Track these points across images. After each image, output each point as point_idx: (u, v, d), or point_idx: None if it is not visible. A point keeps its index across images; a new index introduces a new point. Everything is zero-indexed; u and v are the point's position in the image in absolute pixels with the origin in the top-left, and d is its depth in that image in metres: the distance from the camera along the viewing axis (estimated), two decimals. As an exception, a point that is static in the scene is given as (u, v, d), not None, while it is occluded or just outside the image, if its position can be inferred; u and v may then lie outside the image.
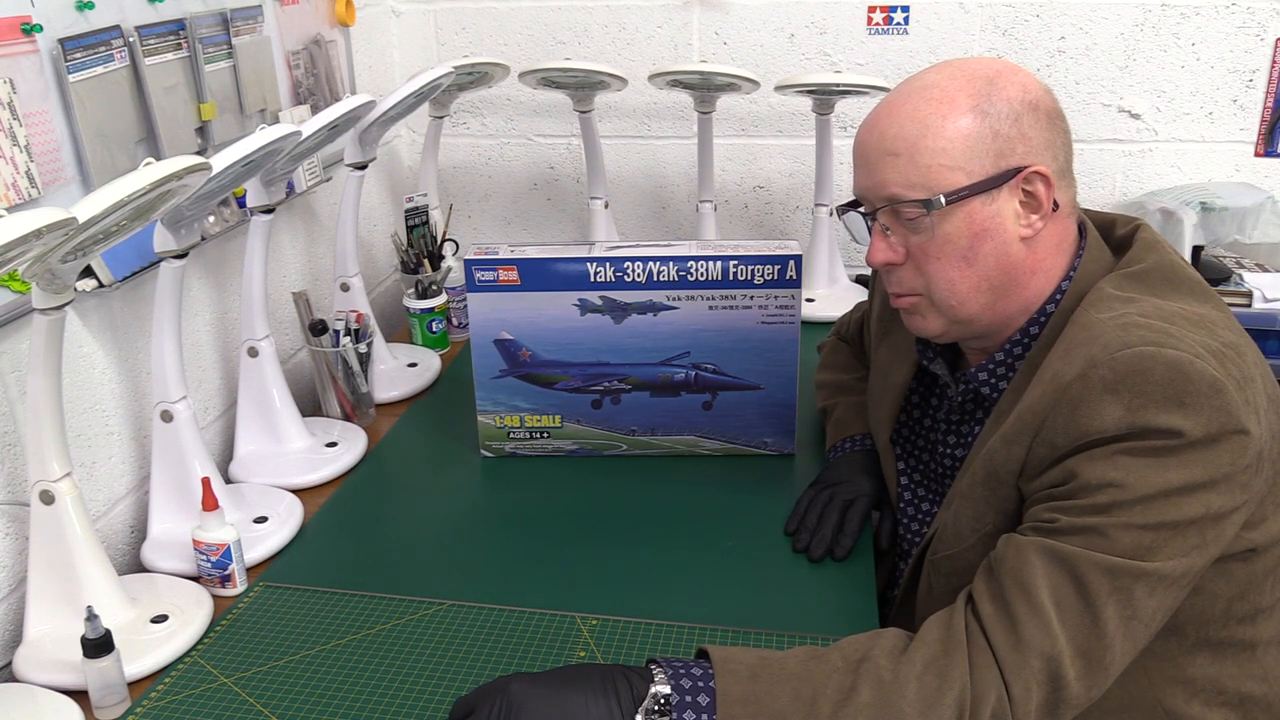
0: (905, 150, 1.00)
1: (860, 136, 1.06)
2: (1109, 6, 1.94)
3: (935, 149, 0.99)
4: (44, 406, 1.07)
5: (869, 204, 1.05)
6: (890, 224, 1.04)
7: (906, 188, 1.00)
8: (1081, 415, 0.90)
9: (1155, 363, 0.89)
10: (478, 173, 2.28)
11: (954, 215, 1.00)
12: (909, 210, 1.01)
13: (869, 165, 1.04)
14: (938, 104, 1.00)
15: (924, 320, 1.08)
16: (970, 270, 1.02)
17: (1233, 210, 1.84)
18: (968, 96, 1.00)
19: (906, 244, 1.04)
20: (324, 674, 1.08)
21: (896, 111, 1.02)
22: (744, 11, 2.05)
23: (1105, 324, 0.94)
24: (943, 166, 0.99)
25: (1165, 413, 0.88)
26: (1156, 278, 1.01)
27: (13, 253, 0.84)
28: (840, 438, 1.37)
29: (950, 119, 0.99)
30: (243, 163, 1.17)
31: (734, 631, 1.12)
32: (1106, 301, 0.98)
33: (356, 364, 1.57)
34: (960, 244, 1.01)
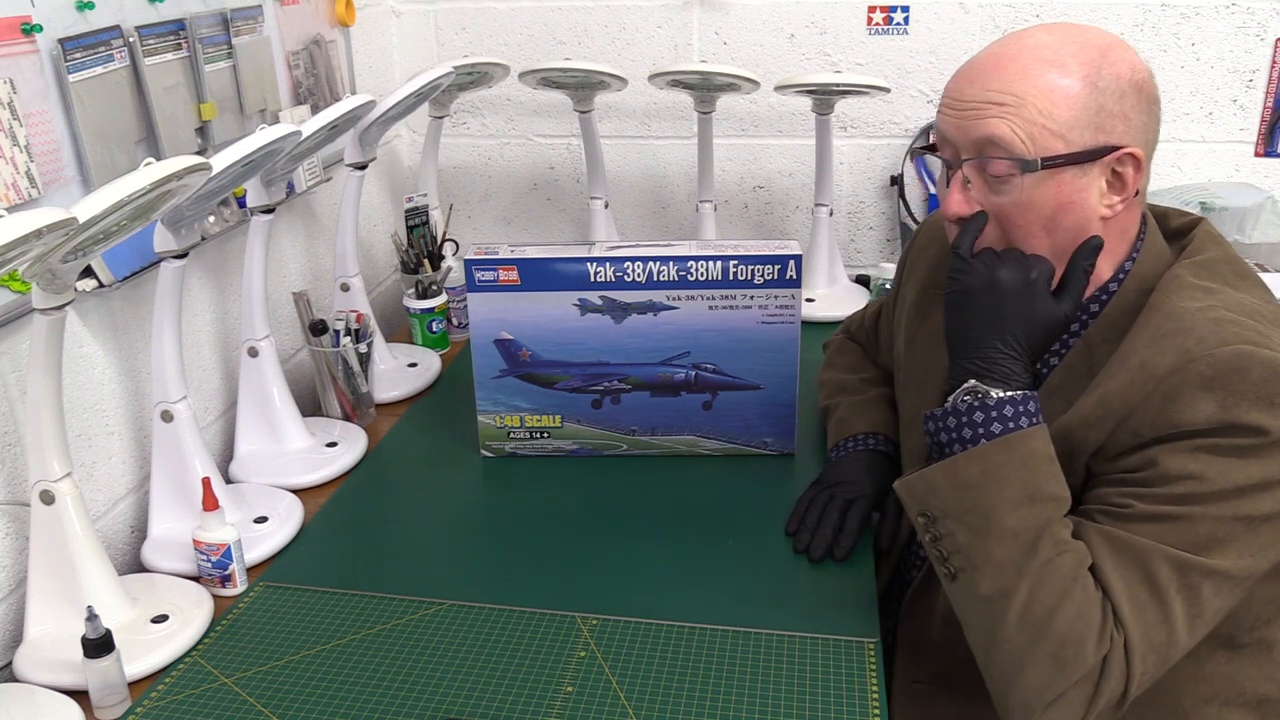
0: (1010, 105, 0.97)
1: (958, 83, 1.02)
2: (1109, 6, 1.94)
3: (1041, 110, 0.97)
4: (44, 406, 1.07)
5: (955, 152, 1.02)
6: (974, 177, 1.01)
7: (1001, 145, 0.98)
8: (1174, 408, 0.91)
9: (1253, 362, 0.89)
10: (478, 173, 2.28)
11: (1045, 182, 0.98)
12: (1001, 167, 0.98)
13: (964, 113, 1.00)
14: (1049, 65, 0.97)
15: None
16: (1053, 237, 1.01)
17: (1233, 210, 1.83)
18: (1080, 64, 0.98)
19: (985, 201, 1.01)
20: (324, 674, 1.08)
21: (1006, 64, 0.98)
22: (744, 11, 2.05)
23: (1195, 316, 0.94)
24: (1045, 129, 0.97)
25: (1256, 411, 0.89)
26: (1226, 270, 1.01)
27: (13, 253, 0.84)
28: (842, 437, 1.37)
29: (1060, 83, 0.97)
30: (243, 163, 1.17)
31: (734, 631, 1.12)
32: (1188, 290, 0.98)
33: (356, 364, 1.57)
34: (1044, 211, 0.99)
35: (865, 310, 1.54)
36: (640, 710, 1.02)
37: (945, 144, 1.03)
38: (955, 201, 1.02)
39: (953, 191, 1.02)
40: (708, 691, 1.04)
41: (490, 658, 1.10)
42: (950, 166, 1.03)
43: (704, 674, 1.06)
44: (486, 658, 1.10)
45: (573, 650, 1.10)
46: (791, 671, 1.06)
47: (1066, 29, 1.01)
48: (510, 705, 1.03)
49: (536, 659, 1.09)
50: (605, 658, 1.09)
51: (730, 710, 1.02)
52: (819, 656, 1.08)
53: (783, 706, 1.02)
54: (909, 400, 1.29)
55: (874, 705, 1.02)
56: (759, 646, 1.10)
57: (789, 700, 1.02)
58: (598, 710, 1.02)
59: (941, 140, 1.04)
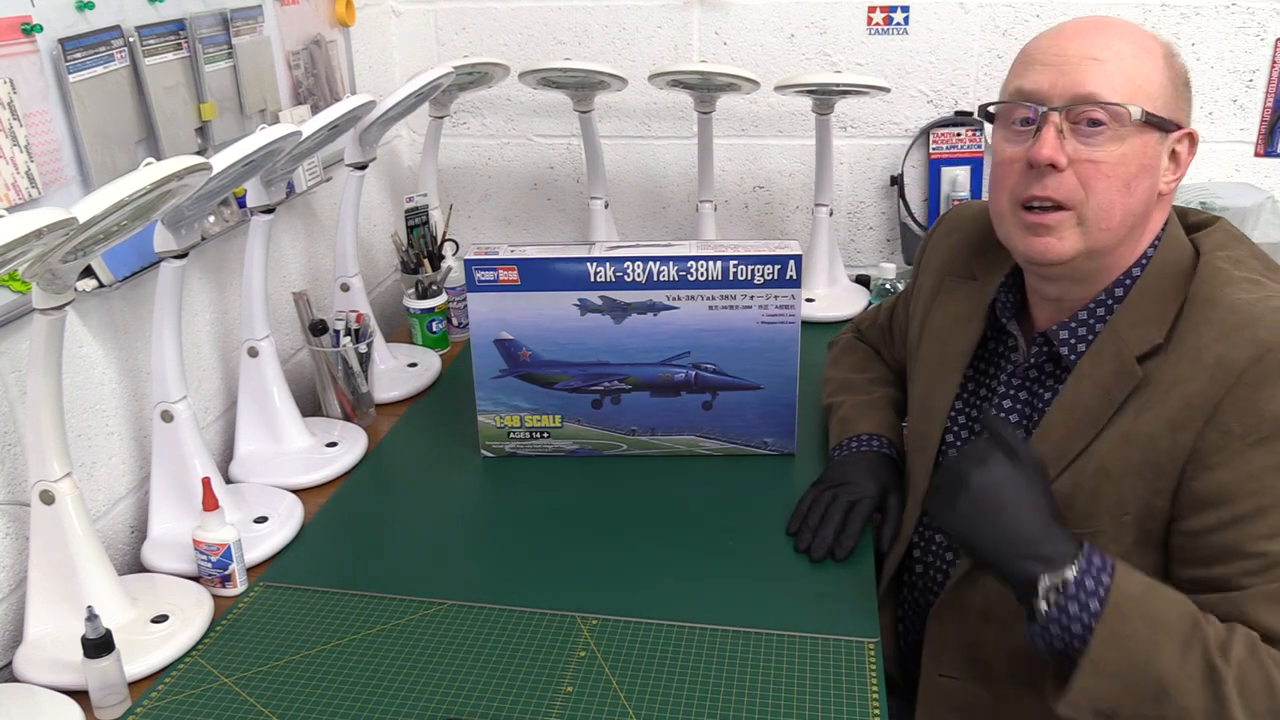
0: (1113, 59, 1.01)
1: (1052, 42, 1.05)
2: (1109, 7, 1.94)
3: (1140, 70, 1.01)
4: (44, 406, 1.07)
5: (1048, 100, 1.02)
6: (1068, 129, 1.02)
7: (1108, 91, 1.00)
8: (1262, 398, 0.92)
9: None
10: (478, 173, 2.28)
11: (1134, 138, 1.01)
12: (1107, 110, 1.00)
13: (1065, 64, 1.02)
14: (1142, 37, 1.03)
15: (1059, 241, 1.04)
16: (1129, 199, 1.02)
17: (1233, 210, 1.83)
18: (1160, 45, 1.04)
19: (1074, 153, 1.02)
20: (324, 674, 1.08)
21: (1103, 28, 1.03)
22: (744, 11, 2.05)
23: (1257, 306, 0.96)
24: (1142, 88, 1.01)
25: None
26: (1258, 265, 1.04)
27: (13, 253, 0.84)
28: (845, 437, 1.37)
29: (1152, 53, 1.03)
30: (243, 163, 1.17)
31: (734, 631, 1.12)
32: (1237, 283, 1.00)
33: (356, 364, 1.57)
34: (1129, 169, 1.01)
35: (877, 309, 1.53)
36: (640, 710, 1.02)
37: (1033, 91, 1.04)
38: (1052, 146, 1.01)
39: (1046, 139, 1.01)
40: (708, 691, 1.04)
41: (490, 658, 1.10)
42: (1031, 123, 1.04)
43: (704, 674, 1.06)
44: (486, 658, 1.10)
45: (573, 650, 1.10)
46: (791, 671, 1.06)
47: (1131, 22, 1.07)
48: (510, 705, 1.03)
49: (536, 659, 1.09)
50: (605, 658, 1.09)
51: (730, 710, 1.02)
52: (819, 656, 1.08)
53: (783, 706, 1.02)
54: (920, 384, 1.28)
55: (874, 705, 1.02)
56: (759, 646, 1.10)
57: (789, 700, 1.02)
58: (598, 710, 1.02)
59: (1028, 88, 1.04)
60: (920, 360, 1.29)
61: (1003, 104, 1.07)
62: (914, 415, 1.29)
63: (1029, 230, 1.06)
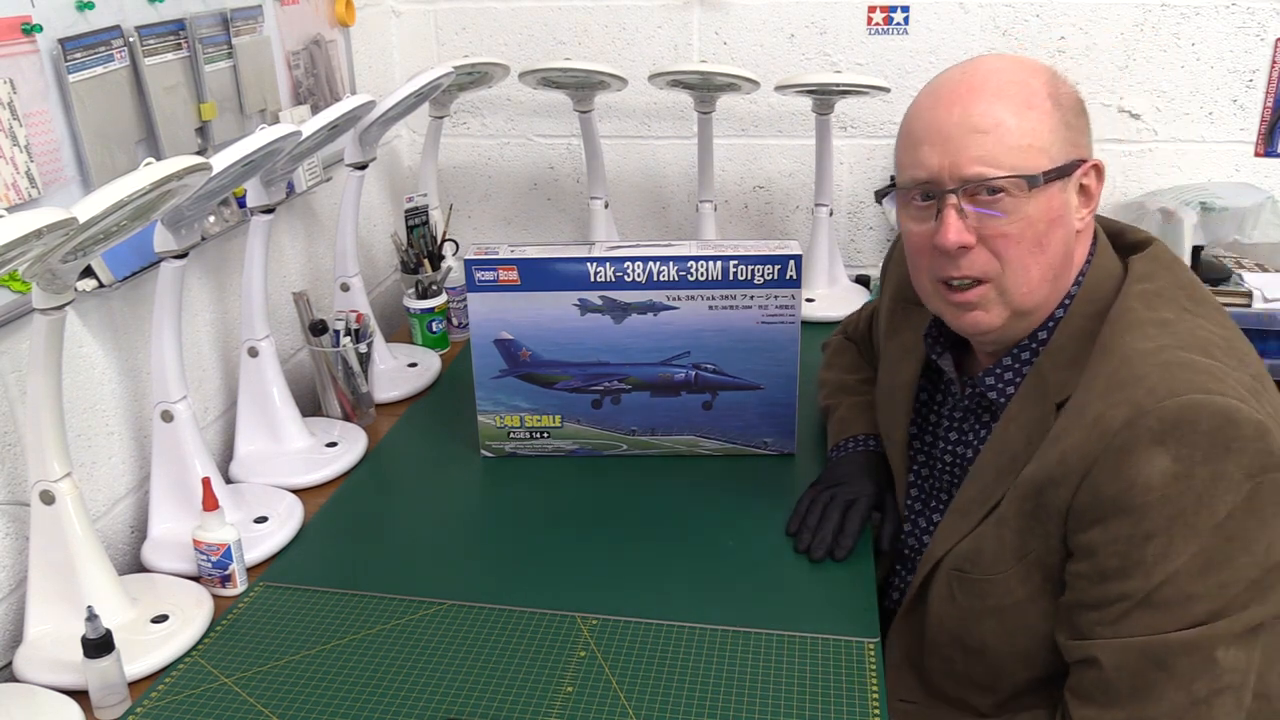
0: (994, 128, 0.98)
1: (931, 115, 1.02)
2: (1109, 6, 1.94)
3: (1025, 129, 0.98)
4: (44, 406, 1.07)
5: (942, 183, 1.01)
6: (967, 205, 1.00)
7: (996, 166, 0.98)
8: (1128, 466, 0.90)
9: (1203, 412, 0.88)
10: (478, 173, 2.28)
11: (1037, 198, 0.99)
12: (1002, 183, 0.98)
13: (948, 143, 1.00)
14: (1020, 87, 1.00)
15: (985, 314, 1.04)
16: (1043, 257, 1.01)
17: (1233, 210, 1.83)
18: (1042, 84, 1.01)
19: (980, 227, 1.00)
20: (324, 674, 1.08)
21: (979, 90, 1.00)
22: (744, 11, 2.05)
23: (1147, 361, 0.93)
24: (1031, 147, 0.98)
25: (1213, 461, 0.88)
26: (1181, 296, 1.00)
27: (13, 253, 0.84)
28: (843, 437, 1.37)
29: (1034, 103, 0.99)
30: (243, 163, 1.17)
31: (734, 631, 1.12)
32: (1141, 328, 0.97)
33: (356, 364, 1.57)
34: (1038, 228, 1.00)
35: (861, 312, 1.54)
36: (640, 710, 1.02)
37: (926, 178, 1.02)
38: (956, 230, 1.00)
39: (950, 221, 1.00)
40: (708, 691, 1.04)
41: (490, 658, 1.10)
42: (932, 199, 1.02)
43: (704, 674, 1.06)
44: (486, 658, 1.10)
45: (573, 650, 1.10)
46: (791, 671, 1.06)
47: (1009, 57, 1.04)
48: (510, 705, 1.03)
49: (536, 659, 1.09)
50: (605, 658, 1.09)
51: (730, 710, 1.02)
52: (819, 656, 1.08)
53: (783, 707, 1.02)
54: (880, 411, 1.31)
55: (874, 705, 1.02)
56: (759, 646, 1.10)
57: (789, 700, 1.02)
58: (598, 710, 1.02)
59: (920, 175, 1.02)
60: (878, 386, 1.31)
61: (897, 190, 1.06)
62: (884, 442, 1.30)
63: (955, 307, 1.06)
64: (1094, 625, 0.94)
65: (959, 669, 1.09)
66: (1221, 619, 0.89)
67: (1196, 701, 0.90)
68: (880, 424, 1.30)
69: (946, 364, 1.16)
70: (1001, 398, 1.09)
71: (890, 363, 1.28)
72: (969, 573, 1.05)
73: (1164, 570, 0.89)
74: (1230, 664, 0.90)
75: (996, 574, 1.02)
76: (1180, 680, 0.90)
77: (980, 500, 1.05)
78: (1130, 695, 0.92)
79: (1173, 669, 0.90)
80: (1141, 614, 0.91)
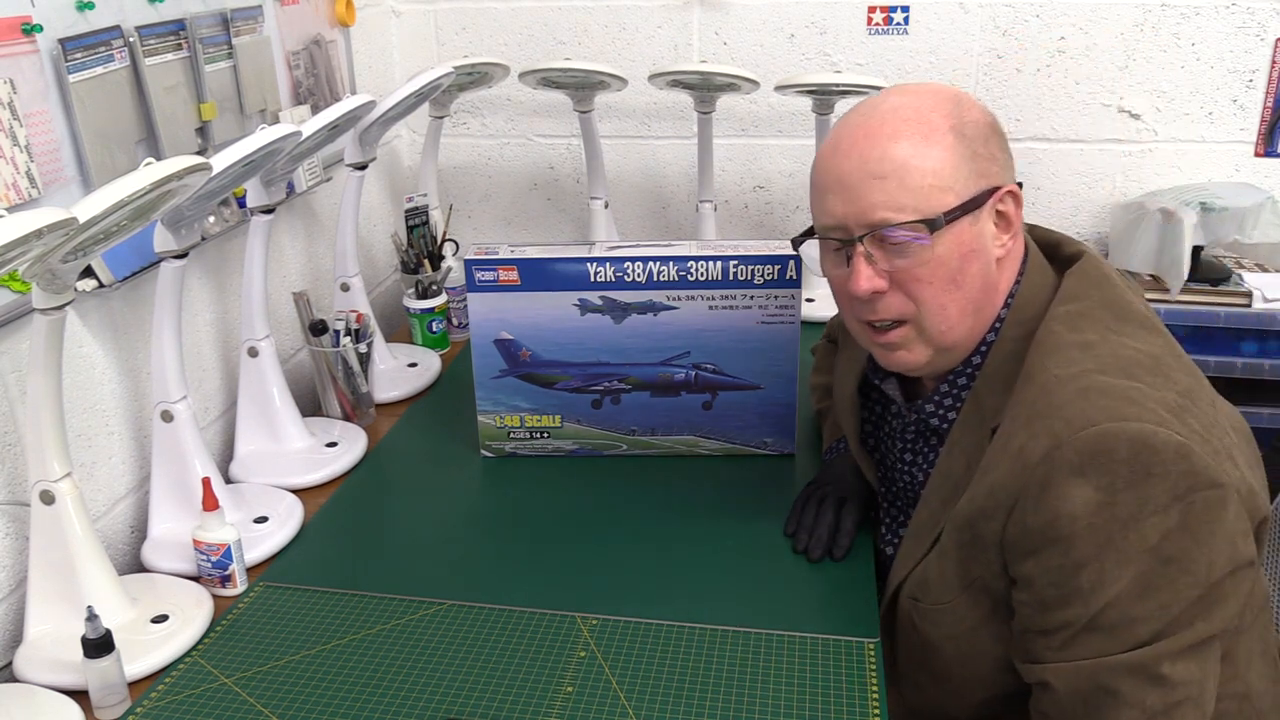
0: (893, 173, 0.97)
1: (832, 163, 1.01)
2: (1109, 6, 1.94)
3: (926, 170, 0.97)
4: (44, 406, 1.07)
5: (849, 231, 1.00)
6: (876, 250, 0.99)
7: (898, 210, 0.97)
8: (1049, 498, 0.90)
9: (1119, 440, 0.88)
10: (478, 173, 2.28)
11: (946, 237, 0.98)
12: (902, 234, 0.97)
13: (850, 190, 0.99)
14: (917, 125, 0.98)
15: (909, 354, 1.04)
16: (960, 293, 1.00)
17: (1233, 210, 1.83)
18: (943, 117, 0.99)
19: (891, 270, 1.00)
20: (324, 674, 1.08)
21: (875, 134, 0.98)
22: (744, 11, 2.05)
23: (1065, 389, 0.92)
24: (933, 187, 0.97)
25: (1136, 486, 0.87)
26: (1106, 315, 0.99)
27: (13, 253, 0.84)
28: (836, 439, 1.37)
29: (933, 139, 0.98)
30: (243, 163, 1.17)
31: (734, 631, 1.12)
32: (1063, 352, 0.96)
33: (356, 364, 1.57)
34: (951, 266, 0.99)
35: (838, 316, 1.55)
36: (640, 710, 1.02)
37: (833, 225, 1.02)
38: (866, 278, 1.00)
39: (860, 269, 1.00)
40: (708, 691, 1.04)
41: (490, 658, 1.10)
42: (843, 245, 1.02)
43: (704, 674, 1.06)
44: (486, 658, 1.10)
45: (573, 650, 1.10)
46: (791, 671, 1.06)
47: (914, 89, 1.02)
48: (510, 705, 1.03)
49: (536, 659, 1.09)
50: (605, 658, 1.09)
51: (730, 710, 1.02)
52: (819, 656, 1.08)
53: (783, 706, 1.02)
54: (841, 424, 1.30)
55: (874, 705, 1.02)
56: (759, 646, 1.10)
57: (789, 700, 1.02)
58: (598, 710, 1.02)
59: (828, 223, 1.02)
60: (834, 398, 1.32)
61: (808, 238, 1.07)
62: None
63: (881, 347, 1.06)
64: (1044, 650, 0.94)
65: (929, 696, 1.10)
66: (1164, 639, 0.89)
67: (1154, 716, 0.90)
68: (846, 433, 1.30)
69: (891, 388, 1.16)
70: (944, 424, 1.09)
71: (839, 375, 1.28)
72: (921, 601, 1.06)
73: (1102, 597, 0.89)
74: (1181, 677, 0.89)
75: (945, 602, 1.03)
76: (1129, 700, 0.90)
77: (929, 526, 1.06)
78: (1085, 717, 0.92)
79: (1118, 691, 0.90)
80: (1088, 638, 0.91)
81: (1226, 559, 0.89)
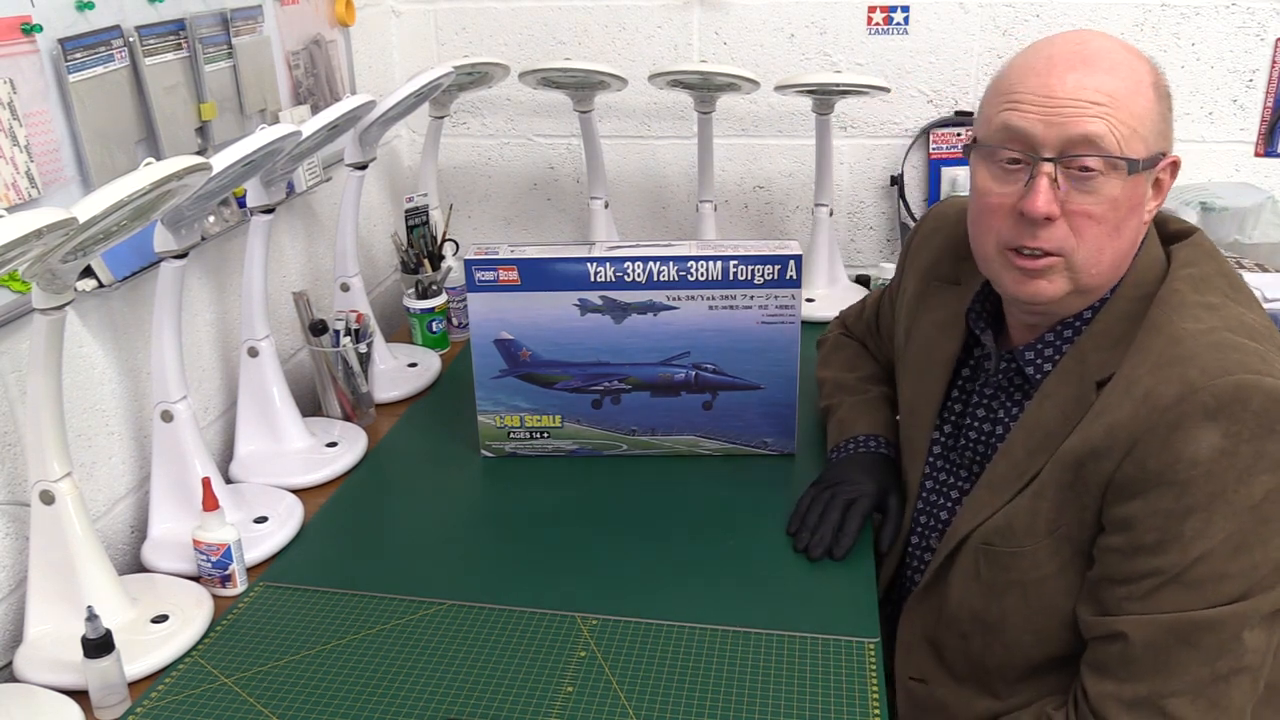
0: (1108, 103, 0.97)
1: (1040, 81, 0.99)
2: (1109, 6, 1.94)
3: (1136, 112, 0.98)
4: (44, 406, 1.07)
5: (1039, 149, 0.98)
6: (1061, 174, 0.98)
7: (1104, 145, 0.97)
8: (1177, 439, 0.91)
9: (1255, 392, 0.90)
10: (478, 173, 2.28)
11: (1127, 184, 0.98)
12: (1102, 167, 0.97)
13: (1058, 110, 0.97)
14: (1130, 69, 0.99)
15: (1049, 284, 1.03)
16: (1117, 240, 1.01)
17: (1233, 210, 1.83)
18: (1147, 71, 1.00)
19: (1065, 200, 0.99)
20: (324, 674, 1.08)
21: (1093, 64, 0.98)
22: (744, 11, 2.05)
23: (1198, 340, 0.94)
24: (1135, 132, 0.98)
25: (1259, 440, 0.89)
26: (1224, 284, 1.02)
27: (13, 253, 0.84)
28: (843, 439, 1.36)
29: (1142, 89, 0.99)
30: (243, 163, 1.17)
31: (734, 631, 1.12)
32: (1190, 309, 0.98)
33: (356, 364, 1.57)
34: (1121, 212, 0.99)
35: (863, 303, 1.54)
36: (640, 710, 1.02)
37: (1020, 140, 1.00)
38: (1046, 200, 0.98)
39: (1040, 190, 0.98)
40: (708, 691, 1.04)
41: (490, 658, 1.10)
42: (1023, 163, 1.00)
43: (704, 674, 1.06)
44: (486, 658, 1.10)
45: (573, 650, 1.10)
46: (791, 671, 1.06)
47: (1112, 37, 1.03)
48: (510, 705, 1.03)
49: (536, 659, 1.09)
50: (605, 658, 1.09)
51: (730, 710, 1.02)
52: (819, 656, 1.08)
53: (783, 706, 1.02)
54: (907, 389, 1.29)
55: (874, 705, 1.02)
56: (759, 646, 1.10)
57: (789, 700, 1.02)
58: (598, 710, 1.02)
59: (1019, 136, 1.00)
60: (907, 365, 1.30)
61: (991, 147, 1.03)
62: (904, 420, 1.29)
63: (1020, 273, 1.04)
64: (1122, 601, 0.95)
65: (974, 646, 1.09)
66: (1249, 599, 0.91)
67: (1218, 678, 0.91)
68: (908, 401, 1.28)
69: (988, 339, 1.16)
70: (1038, 374, 1.09)
71: (923, 341, 1.26)
72: (997, 546, 1.05)
73: (1200, 547, 0.91)
74: (1254, 644, 0.91)
75: (1026, 548, 1.03)
76: (1204, 656, 0.91)
77: (1013, 476, 1.05)
78: (1153, 670, 0.93)
79: (1199, 644, 0.91)
80: (1172, 590, 0.92)
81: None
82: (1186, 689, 0.92)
